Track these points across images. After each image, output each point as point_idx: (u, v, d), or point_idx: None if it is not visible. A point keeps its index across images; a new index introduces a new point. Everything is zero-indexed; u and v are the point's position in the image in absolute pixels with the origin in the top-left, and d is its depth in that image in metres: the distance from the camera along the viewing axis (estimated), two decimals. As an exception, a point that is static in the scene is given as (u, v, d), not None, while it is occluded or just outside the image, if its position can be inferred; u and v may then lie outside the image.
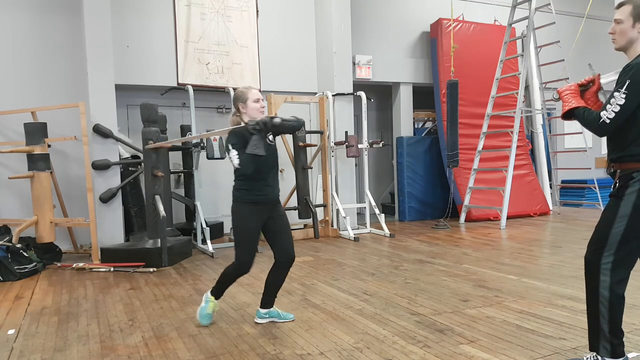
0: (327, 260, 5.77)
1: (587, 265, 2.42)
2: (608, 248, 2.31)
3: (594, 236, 2.43)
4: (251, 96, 3.30)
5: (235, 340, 3.24)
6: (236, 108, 3.37)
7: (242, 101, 3.31)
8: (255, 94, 3.33)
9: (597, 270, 2.34)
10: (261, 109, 3.32)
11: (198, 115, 7.20)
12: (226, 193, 7.81)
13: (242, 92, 3.33)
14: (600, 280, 2.32)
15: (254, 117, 3.27)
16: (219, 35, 7.73)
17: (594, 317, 2.38)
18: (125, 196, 6.92)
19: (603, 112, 2.29)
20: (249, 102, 3.29)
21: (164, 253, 5.61)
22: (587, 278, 2.42)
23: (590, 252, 2.41)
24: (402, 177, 9.07)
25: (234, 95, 3.39)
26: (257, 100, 3.30)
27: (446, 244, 6.49)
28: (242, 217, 3.35)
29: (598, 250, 2.35)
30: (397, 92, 9.32)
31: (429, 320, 3.49)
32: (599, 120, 2.30)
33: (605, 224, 2.37)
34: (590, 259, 2.40)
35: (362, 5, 8.78)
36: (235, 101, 3.37)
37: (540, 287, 4.26)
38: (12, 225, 6.13)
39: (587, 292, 2.42)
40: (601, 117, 2.29)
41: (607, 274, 2.31)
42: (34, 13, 6.78)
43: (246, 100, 3.30)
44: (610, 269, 2.31)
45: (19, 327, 3.69)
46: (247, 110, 3.30)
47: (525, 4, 8.60)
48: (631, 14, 2.32)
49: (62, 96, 6.72)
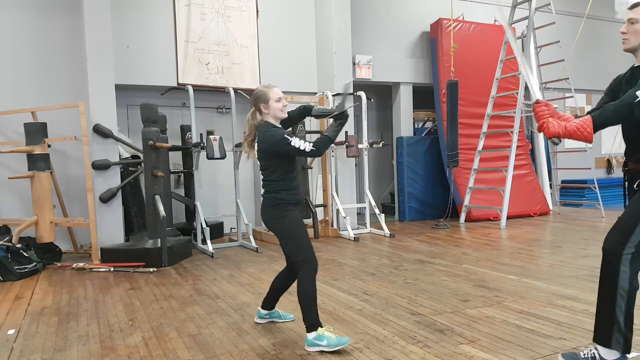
0: (327, 260, 5.77)
1: (606, 256, 2.36)
2: (632, 240, 2.27)
3: (619, 227, 2.37)
4: (273, 95, 3.17)
5: (235, 340, 3.24)
6: (257, 109, 3.22)
7: (263, 101, 3.18)
8: (277, 92, 3.20)
9: (617, 261, 2.28)
10: (283, 108, 3.20)
11: (198, 115, 7.20)
12: (226, 193, 7.95)
13: (263, 92, 3.19)
14: (621, 271, 2.27)
15: (278, 117, 3.19)
16: (219, 35, 7.73)
17: (609, 309, 2.31)
18: (125, 196, 6.92)
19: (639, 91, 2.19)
20: (271, 102, 3.17)
21: (164, 253, 5.61)
22: (606, 269, 2.35)
23: (613, 242, 2.34)
24: (402, 177, 9.07)
25: (254, 96, 3.24)
26: (279, 100, 3.18)
27: (446, 244, 6.49)
28: (292, 220, 3.17)
29: (621, 241, 2.29)
30: (397, 92, 9.32)
31: (429, 320, 3.49)
32: (634, 99, 2.19)
33: (632, 216, 2.31)
34: (611, 249, 2.34)
35: (362, 5, 8.78)
36: (256, 101, 3.22)
37: (540, 287, 4.26)
38: (12, 225, 6.13)
39: (603, 283, 2.36)
40: (637, 96, 2.18)
41: (627, 265, 2.26)
42: (34, 13, 6.78)
43: (268, 100, 3.17)
44: (630, 259, 2.26)
45: (19, 327, 3.69)
46: (269, 110, 3.18)
47: (525, 4, 8.60)
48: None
49: (62, 96, 6.72)
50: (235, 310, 3.89)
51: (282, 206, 3.16)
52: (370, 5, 8.97)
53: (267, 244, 6.93)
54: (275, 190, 3.17)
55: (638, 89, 2.22)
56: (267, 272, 5.21)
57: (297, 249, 3.15)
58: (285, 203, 3.17)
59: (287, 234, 3.18)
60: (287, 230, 3.17)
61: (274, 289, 3.47)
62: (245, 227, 6.77)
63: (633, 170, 2.42)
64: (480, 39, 9.23)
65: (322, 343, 2.99)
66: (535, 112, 2.45)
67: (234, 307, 3.97)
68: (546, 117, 2.38)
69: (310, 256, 3.13)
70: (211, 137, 6.42)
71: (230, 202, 7.44)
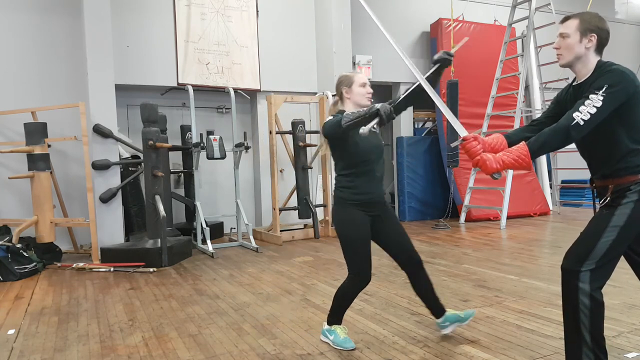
0: (327, 260, 5.77)
1: (564, 275, 2.32)
2: (592, 257, 2.22)
3: (577, 246, 2.32)
4: (357, 80, 2.95)
5: (235, 340, 3.24)
6: (339, 94, 3.00)
7: (346, 85, 2.95)
8: (362, 77, 2.97)
9: (576, 279, 2.24)
10: (367, 95, 2.95)
11: (198, 115, 7.20)
12: (226, 193, 7.95)
13: (347, 76, 2.98)
14: (579, 288, 2.23)
15: (359, 104, 2.93)
16: (219, 35, 7.73)
17: (574, 327, 2.28)
18: (125, 196, 6.92)
19: (576, 113, 2.14)
20: (355, 86, 2.93)
21: (164, 253, 5.62)
22: (565, 287, 2.31)
23: (571, 260, 2.30)
24: (402, 177, 9.07)
25: (337, 81, 3.03)
26: (363, 85, 2.95)
27: (446, 244, 6.49)
28: (350, 225, 2.89)
29: (580, 259, 2.25)
30: (397, 92, 9.31)
31: (429, 320, 3.49)
32: (571, 122, 2.15)
33: (593, 234, 2.27)
34: (568, 268, 2.30)
35: (362, 5, 8.76)
36: (338, 86, 3.00)
37: (540, 287, 4.26)
38: (12, 225, 6.13)
39: (565, 302, 2.32)
40: (574, 119, 2.14)
41: (586, 282, 2.22)
42: (34, 13, 6.78)
43: (352, 84, 2.94)
44: (589, 276, 2.22)
45: (19, 327, 3.69)
46: (351, 95, 2.94)
47: (525, 4, 8.60)
48: (578, 28, 2.26)
49: (62, 96, 6.72)
50: (235, 310, 3.89)
51: (342, 206, 2.92)
52: (370, 5, 8.91)
53: (267, 244, 6.93)
54: (338, 187, 2.95)
55: (575, 110, 2.17)
56: (267, 272, 5.21)
57: (350, 259, 2.93)
58: (347, 203, 2.89)
59: (343, 240, 2.93)
60: (344, 237, 2.92)
61: (421, 297, 3.11)
62: (245, 227, 6.77)
63: (600, 187, 2.39)
64: (480, 39, 9.22)
65: (330, 337, 3.05)
66: (466, 150, 2.32)
67: (234, 307, 3.97)
68: (479, 153, 2.27)
69: (363, 272, 2.91)
70: (211, 137, 6.42)
71: (230, 202, 7.44)
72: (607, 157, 2.29)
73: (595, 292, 2.23)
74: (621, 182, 2.25)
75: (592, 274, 2.23)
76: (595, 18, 2.29)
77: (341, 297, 3.02)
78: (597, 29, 2.26)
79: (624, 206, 2.23)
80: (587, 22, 2.27)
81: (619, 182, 2.26)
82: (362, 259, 2.90)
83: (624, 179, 2.25)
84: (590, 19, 2.28)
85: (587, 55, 2.28)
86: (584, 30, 2.26)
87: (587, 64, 2.29)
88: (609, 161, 2.28)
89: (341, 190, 2.92)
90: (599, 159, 2.34)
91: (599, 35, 2.27)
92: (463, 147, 2.33)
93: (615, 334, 3.09)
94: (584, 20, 2.27)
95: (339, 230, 2.95)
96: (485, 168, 2.24)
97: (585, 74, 2.31)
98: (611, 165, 2.28)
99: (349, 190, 2.89)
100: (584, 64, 2.30)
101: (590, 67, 2.29)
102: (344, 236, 2.92)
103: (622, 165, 2.25)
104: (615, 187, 2.28)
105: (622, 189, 2.25)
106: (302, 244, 6.88)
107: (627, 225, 2.22)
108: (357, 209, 2.87)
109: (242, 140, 6.85)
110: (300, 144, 7.28)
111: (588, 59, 2.29)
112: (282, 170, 8.22)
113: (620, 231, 2.22)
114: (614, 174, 2.28)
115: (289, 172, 8.02)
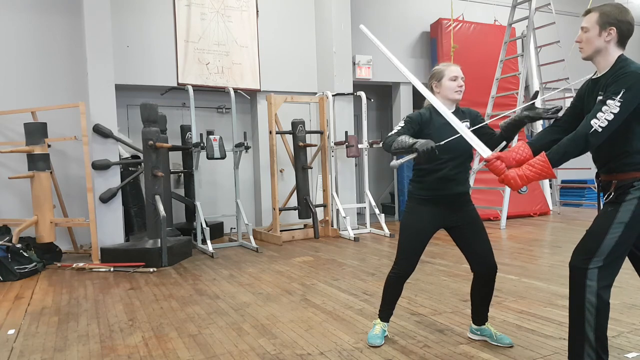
0: (327, 260, 5.77)
1: (572, 272, 2.33)
2: (599, 254, 2.24)
3: (585, 243, 2.34)
4: (448, 73, 2.80)
5: (235, 340, 3.24)
6: (429, 88, 2.86)
7: (437, 79, 2.83)
8: (454, 71, 2.82)
9: (583, 276, 2.25)
10: (458, 89, 2.81)
11: (198, 115, 7.20)
12: (226, 193, 7.95)
13: (439, 70, 2.85)
14: (587, 285, 2.24)
15: (449, 99, 2.81)
16: (219, 35, 7.73)
17: (579, 325, 2.29)
18: (125, 196, 6.92)
19: (594, 120, 2.18)
20: (445, 79, 2.80)
21: (164, 253, 5.62)
22: (572, 285, 2.33)
23: (578, 258, 2.31)
24: (402, 177, 9.07)
25: (431, 74, 2.91)
26: (454, 79, 2.80)
27: (446, 244, 6.49)
28: (411, 218, 2.90)
29: (588, 257, 2.27)
30: (397, 92, 9.32)
31: (429, 320, 3.49)
32: (589, 130, 2.19)
33: (599, 230, 2.29)
34: (576, 265, 2.31)
35: (362, 5, 8.78)
36: (430, 80, 2.89)
37: (540, 287, 4.26)
38: (12, 225, 6.13)
39: (572, 299, 2.33)
40: (592, 126, 2.18)
41: (594, 279, 2.23)
42: (34, 13, 6.78)
43: (442, 77, 2.81)
44: (597, 274, 2.23)
45: (19, 327, 3.69)
46: (440, 89, 2.82)
47: (525, 4, 8.60)
48: (597, 22, 2.26)
49: (62, 96, 6.72)
50: (235, 310, 3.89)
51: (410, 199, 2.92)
52: (370, 5, 8.96)
53: (267, 244, 6.93)
54: (411, 180, 2.96)
55: (593, 117, 2.20)
56: (267, 272, 5.21)
57: (399, 248, 2.96)
58: (415, 197, 2.88)
59: (400, 229, 2.98)
60: (402, 226, 2.97)
61: (473, 301, 3.08)
62: (245, 227, 6.77)
63: (604, 181, 2.40)
64: (480, 39, 9.23)
65: (370, 332, 3.13)
66: (491, 170, 2.40)
67: (234, 307, 3.97)
68: (504, 171, 2.35)
69: (404, 263, 2.92)
70: (211, 137, 6.42)
71: (230, 202, 7.44)
72: (616, 152, 2.31)
73: (602, 291, 2.24)
74: (625, 178, 2.27)
75: (600, 271, 2.24)
76: (615, 11, 2.28)
77: (384, 288, 3.08)
78: (617, 22, 2.25)
79: (628, 202, 2.24)
80: (606, 16, 2.27)
81: (622, 177, 2.28)
82: (407, 253, 2.91)
83: (628, 174, 2.27)
84: (610, 12, 2.27)
85: (607, 48, 2.28)
86: (603, 23, 2.26)
87: (607, 58, 2.30)
88: (617, 156, 2.30)
89: (412, 182, 2.95)
90: (607, 153, 2.35)
91: (619, 28, 2.26)
92: (488, 167, 2.42)
93: (615, 334, 3.08)
94: (603, 14, 2.27)
95: (402, 220, 3.01)
96: (511, 186, 2.34)
97: (605, 67, 2.31)
98: (618, 159, 2.30)
99: (419, 184, 2.89)
100: (604, 57, 2.30)
101: (610, 61, 2.29)
102: (402, 226, 2.97)
103: (629, 160, 2.26)
104: (618, 182, 2.29)
105: (625, 185, 2.27)
106: (302, 244, 6.89)
107: (632, 222, 2.23)
108: (425, 205, 2.85)
109: (242, 140, 6.85)
110: (300, 144, 7.28)
111: (608, 52, 2.29)
112: (282, 170, 8.22)
113: (626, 227, 2.23)
114: (619, 169, 2.30)
115: (289, 172, 8.02)
